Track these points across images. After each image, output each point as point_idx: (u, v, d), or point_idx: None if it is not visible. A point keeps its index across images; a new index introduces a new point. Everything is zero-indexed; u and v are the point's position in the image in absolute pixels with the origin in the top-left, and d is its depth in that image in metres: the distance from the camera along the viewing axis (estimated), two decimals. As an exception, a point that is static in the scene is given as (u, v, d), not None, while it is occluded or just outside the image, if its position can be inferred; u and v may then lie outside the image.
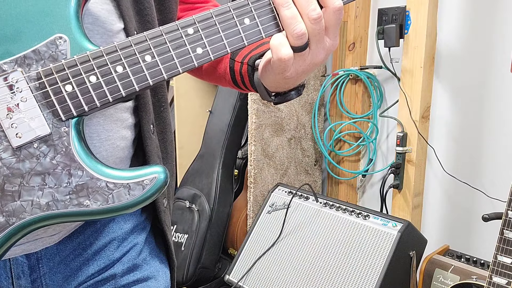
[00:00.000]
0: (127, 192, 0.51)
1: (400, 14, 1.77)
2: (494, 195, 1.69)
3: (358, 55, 2.06)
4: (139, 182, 0.51)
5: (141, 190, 0.51)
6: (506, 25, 1.62)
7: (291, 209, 1.81)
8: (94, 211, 0.51)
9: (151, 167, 0.52)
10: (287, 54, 0.53)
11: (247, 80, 0.69)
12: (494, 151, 1.72)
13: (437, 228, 1.92)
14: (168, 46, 0.52)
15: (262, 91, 0.65)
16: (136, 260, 0.68)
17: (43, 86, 0.49)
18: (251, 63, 0.67)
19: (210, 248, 2.04)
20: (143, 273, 0.69)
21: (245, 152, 2.25)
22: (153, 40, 0.51)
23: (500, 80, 1.66)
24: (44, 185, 0.50)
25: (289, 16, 0.52)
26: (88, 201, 0.51)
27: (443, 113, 1.84)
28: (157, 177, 0.52)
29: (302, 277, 1.63)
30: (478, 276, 1.42)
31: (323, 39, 0.55)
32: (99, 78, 0.50)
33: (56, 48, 0.50)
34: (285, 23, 0.53)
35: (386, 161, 2.08)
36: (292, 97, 0.63)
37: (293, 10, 0.53)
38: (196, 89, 2.44)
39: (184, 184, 2.21)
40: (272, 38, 0.54)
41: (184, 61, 0.52)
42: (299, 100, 2.11)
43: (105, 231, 0.65)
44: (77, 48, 0.50)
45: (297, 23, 0.52)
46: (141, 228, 0.69)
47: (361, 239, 1.58)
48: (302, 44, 0.54)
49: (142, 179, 0.51)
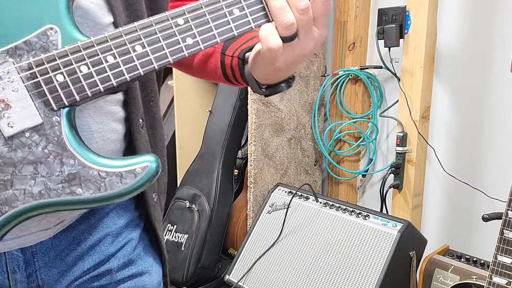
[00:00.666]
0: (119, 181, 0.51)
1: (400, 14, 1.77)
2: (494, 195, 1.69)
3: (358, 55, 2.06)
4: (131, 171, 0.52)
5: (133, 178, 0.51)
6: (506, 25, 1.62)
7: (291, 209, 1.81)
8: (86, 200, 0.51)
9: (143, 156, 0.53)
10: (277, 44, 0.54)
11: (238, 73, 0.69)
12: (494, 151, 1.72)
13: (437, 228, 1.92)
14: (158, 37, 0.52)
15: (253, 84, 0.65)
16: (131, 255, 0.68)
17: (34, 76, 0.50)
18: (241, 56, 0.68)
19: (210, 248, 2.04)
20: (138, 268, 0.69)
21: (245, 152, 2.25)
22: (144, 31, 0.51)
23: (500, 80, 1.66)
24: (36, 174, 0.50)
25: (278, 6, 0.53)
26: (80, 189, 0.51)
27: (443, 113, 1.84)
28: (149, 166, 0.52)
29: (302, 277, 1.63)
30: (478, 276, 1.42)
31: (312, 29, 0.56)
32: (90, 68, 0.51)
33: (47, 39, 0.50)
34: (274, 13, 0.54)
35: (386, 161, 2.08)
36: (282, 89, 0.63)
37: (282, 1, 0.53)
38: (196, 89, 2.44)
39: (184, 184, 2.21)
40: (261, 29, 0.55)
41: (174, 51, 0.53)
42: (299, 100, 2.12)
43: (100, 226, 0.65)
44: (68, 39, 0.51)
45: (286, 14, 0.53)
46: (135, 224, 0.69)
47: (361, 239, 1.58)
48: (291, 34, 0.55)
49: (134, 168, 0.52)
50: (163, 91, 2.74)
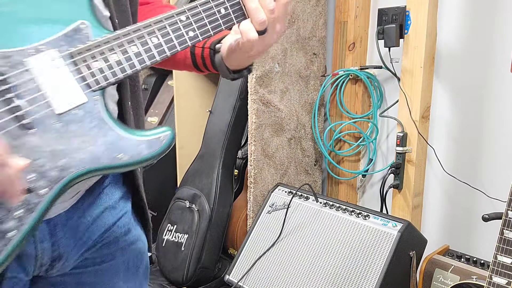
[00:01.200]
0: (149, 147, 0.64)
1: (400, 14, 1.77)
2: (494, 195, 1.69)
3: (358, 55, 2.06)
4: (157, 138, 0.64)
5: (160, 144, 0.64)
6: (506, 25, 1.62)
7: (291, 209, 1.81)
8: (126, 163, 0.62)
9: (162, 127, 0.65)
10: (254, 36, 0.70)
11: (209, 62, 0.83)
12: (494, 151, 1.72)
13: (437, 228, 1.92)
14: (168, 30, 0.65)
15: (223, 70, 0.80)
16: (129, 224, 0.80)
17: (76, 62, 0.60)
18: (212, 47, 0.82)
19: (210, 248, 2.04)
20: (134, 236, 0.81)
21: (245, 152, 2.25)
22: (157, 25, 0.65)
23: (500, 80, 1.66)
24: (85, 144, 0.60)
25: (254, 7, 0.69)
26: (121, 155, 0.62)
27: (443, 113, 1.84)
28: (169, 134, 0.65)
29: (302, 277, 1.63)
30: (478, 276, 1.42)
31: (275, 25, 0.72)
32: (119, 56, 0.62)
33: (81, 32, 0.61)
34: (251, 13, 0.69)
35: (386, 161, 2.08)
36: (246, 73, 0.81)
37: (256, 3, 0.69)
38: (196, 89, 2.44)
39: (184, 184, 2.21)
40: (241, 24, 0.71)
41: (181, 42, 0.66)
42: (299, 100, 2.12)
43: (98, 202, 0.75)
44: (96, 32, 0.62)
45: (260, 13, 0.69)
46: (126, 197, 0.81)
47: (361, 239, 1.58)
48: (263, 29, 0.70)
49: (159, 136, 0.64)
50: (163, 91, 2.74)
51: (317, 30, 2.12)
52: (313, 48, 2.13)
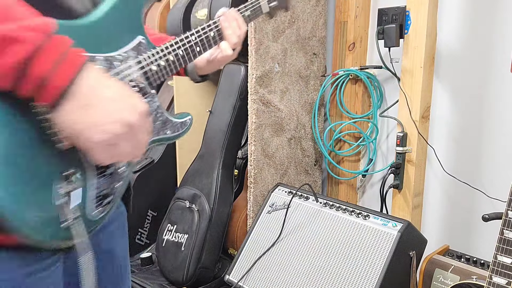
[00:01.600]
0: (181, 127, 0.93)
1: (400, 14, 1.78)
2: (494, 195, 1.69)
3: (358, 55, 2.06)
4: (185, 121, 0.94)
5: (186, 125, 0.94)
6: (506, 25, 1.62)
7: (291, 209, 1.81)
8: (169, 137, 0.91)
9: (186, 113, 0.95)
10: (231, 53, 1.03)
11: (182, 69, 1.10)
12: (494, 151, 1.72)
13: (437, 228, 1.92)
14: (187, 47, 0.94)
15: (194, 76, 1.11)
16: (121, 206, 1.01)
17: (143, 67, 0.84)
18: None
19: (210, 248, 2.04)
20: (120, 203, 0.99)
21: (245, 152, 2.25)
22: (182, 42, 0.92)
23: (500, 80, 1.66)
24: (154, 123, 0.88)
25: (230, 33, 1.02)
26: (167, 131, 0.91)
27: (443, 113, 1.84)
28: (191, 118, 0.95)
29: (302, 277, 1.63)
30: (478, 276, 1.42)
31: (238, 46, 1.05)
32: (164, 62, 0.88)
33: (141, 45, 0.84)
34: (227, 37, 1.02)
35: (386, 161, 2.08)
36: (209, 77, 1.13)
37: (232, 30, 1.01)
38: (196, 89, 2.44)
39: (184, 184, 2.21)
40: (221, 44, 1.02)
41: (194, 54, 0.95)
42: (299, 100, 2.11)
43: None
44: (149, 45, 0.86)
45: (234, 37, 1.02)
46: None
47: (361, 239, 1.58)
48: (234, 48, 1.03)
49: (185, 119, 0.94)
50: (163, 91, 2.74)
51: (317, 30, 2.12)
52: (313, 48, 2.13)
